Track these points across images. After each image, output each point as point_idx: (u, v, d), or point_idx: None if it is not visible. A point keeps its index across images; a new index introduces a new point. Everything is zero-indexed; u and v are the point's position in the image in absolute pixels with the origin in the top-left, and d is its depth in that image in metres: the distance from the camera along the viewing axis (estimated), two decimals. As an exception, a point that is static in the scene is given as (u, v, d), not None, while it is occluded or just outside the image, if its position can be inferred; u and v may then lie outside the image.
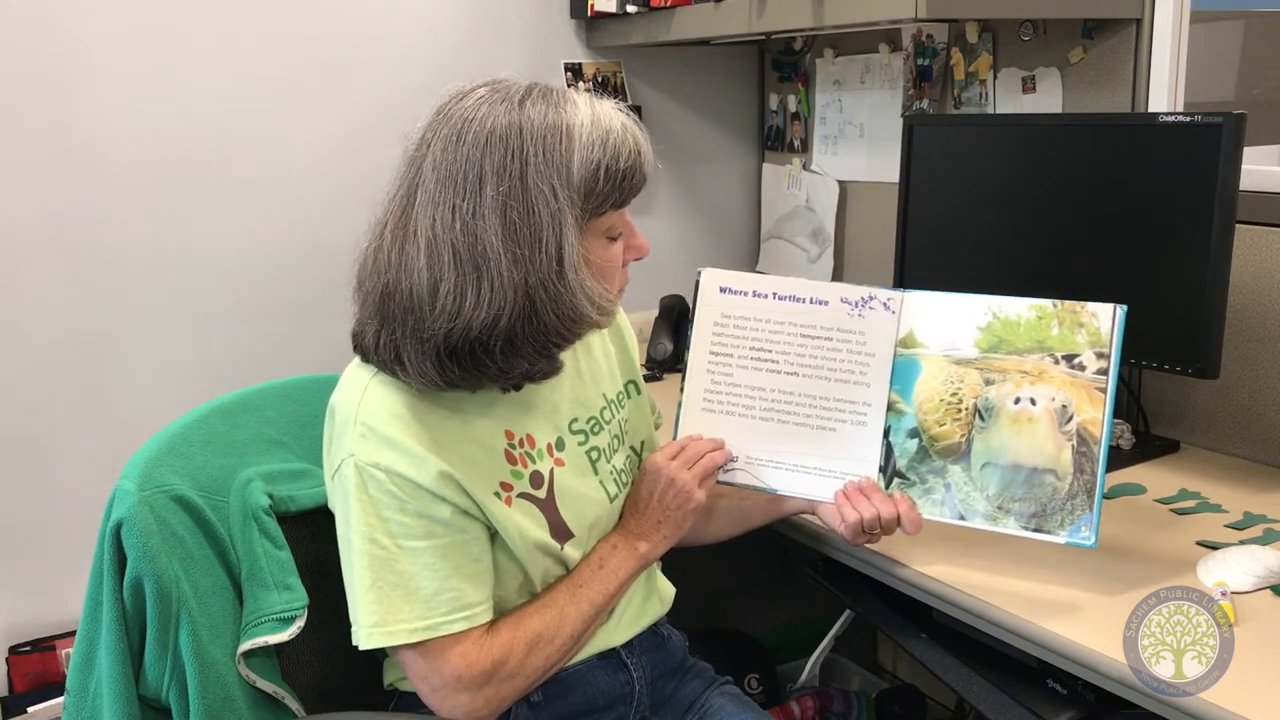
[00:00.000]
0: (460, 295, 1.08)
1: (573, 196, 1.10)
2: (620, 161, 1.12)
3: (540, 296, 1.10)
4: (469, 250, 1.08)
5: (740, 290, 1.36)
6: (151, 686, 1.19)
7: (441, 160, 1.10)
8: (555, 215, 1.09)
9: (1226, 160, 1.45)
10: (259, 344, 2.10)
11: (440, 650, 1.13)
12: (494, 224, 1.08)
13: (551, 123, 1.10)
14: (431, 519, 1.12)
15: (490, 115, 1.10)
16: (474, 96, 1.13)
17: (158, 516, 1.17)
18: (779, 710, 2.12)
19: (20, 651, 1.93)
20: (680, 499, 1.27)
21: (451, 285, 1.08)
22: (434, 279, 1.09)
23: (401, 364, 1.12)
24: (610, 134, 1.12)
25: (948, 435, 1.29)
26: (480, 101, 1.12)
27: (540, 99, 1.11)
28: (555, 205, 1.09)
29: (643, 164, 1.15)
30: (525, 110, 1.10)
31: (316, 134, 2.10)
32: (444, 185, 1.10)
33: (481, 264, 1.08)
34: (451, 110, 1.12)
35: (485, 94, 1.13)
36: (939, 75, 2.08)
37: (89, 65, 1.90)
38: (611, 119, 1.13)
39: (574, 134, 1.10)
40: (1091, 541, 1.22)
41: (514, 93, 1.12)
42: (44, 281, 1.91)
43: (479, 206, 1.08)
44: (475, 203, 1.08)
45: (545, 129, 1.09)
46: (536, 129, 1.09)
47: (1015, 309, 1.29)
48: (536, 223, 1.09)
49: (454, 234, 1.08)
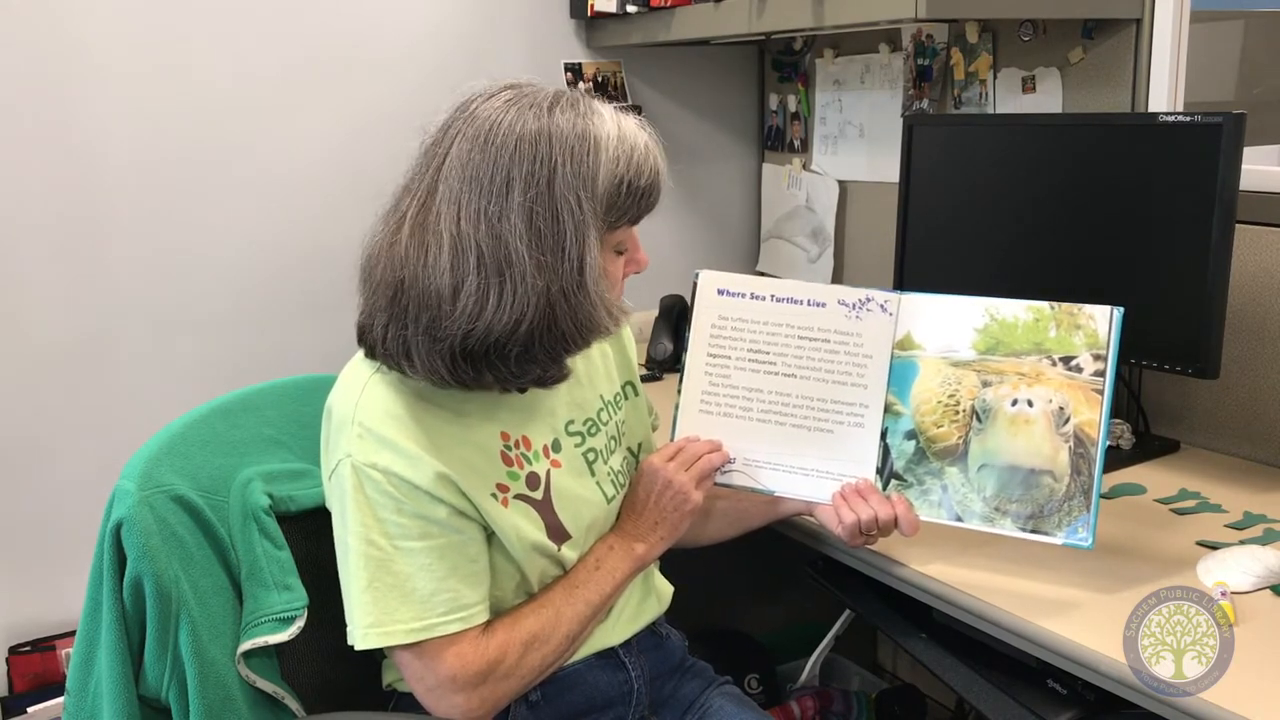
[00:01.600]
0: (483, 298, 1.08)
1: (595, 208, 1.11)
2: (642, 179, 1.13)
3: (561, 305, 1.10)
4: (494, 254, 1.08)
5: (738, 292, 1.36)
6: (151, 686, 1.19)
7: (468, 160, 1.10)
8: (579, 225, 1.09)
9: (1226, 160, 1.44)
10: (259, 344, 2.10)
11: (436, 651, 1.13)
12: (520, 229, 1.08)
13: (580, 133, 1.10)
14: (428, 520, 1.12)
15: (519, 120, 1.10)
16: (500, 98, 1.12)
17: (158, 516, 1.17)
18: (779, 710, 2.12)
19: (20, 651, 1.93)
20: (677, 500, 1.27)
21: (474, 288, 1.08)
22: (456, 280, 1.08)
23: (410, 359, 1.12)
24: (635, 151, 1.13)
25: (945, 437, 1.29)
26: (508, 104, 1.11)
27: (569, 107, 1.12)
28: (580, 215, 1.09)
29: (660, 183, 1.16)
30: (554, 118, 1.10)
31: (316, 134, 2.10)
32: (470, 186, 1.09)
33: (506, 269, 1.08)
34: (477, 109, 1.12)
35: (512, 96, 1.13)
36: (939, 75, 2.08)
37: (89, 65, 1.90)
38: (636, 136, 1.14)
39: (601, 146, 1.11)
40: (1088, 543, 1.22)
41: (541, 99, 1.12)
42: (44, 281, 1.91)
43: (505, 210, 1.08)
44: (502, 206, 1.08)
45: (574, 138, 1.10)
46: (566, 138, 1.09)
47: (1012, 311, 1.29)
48: (561, 231, 1.09)
49: (479, 235, 1.08)
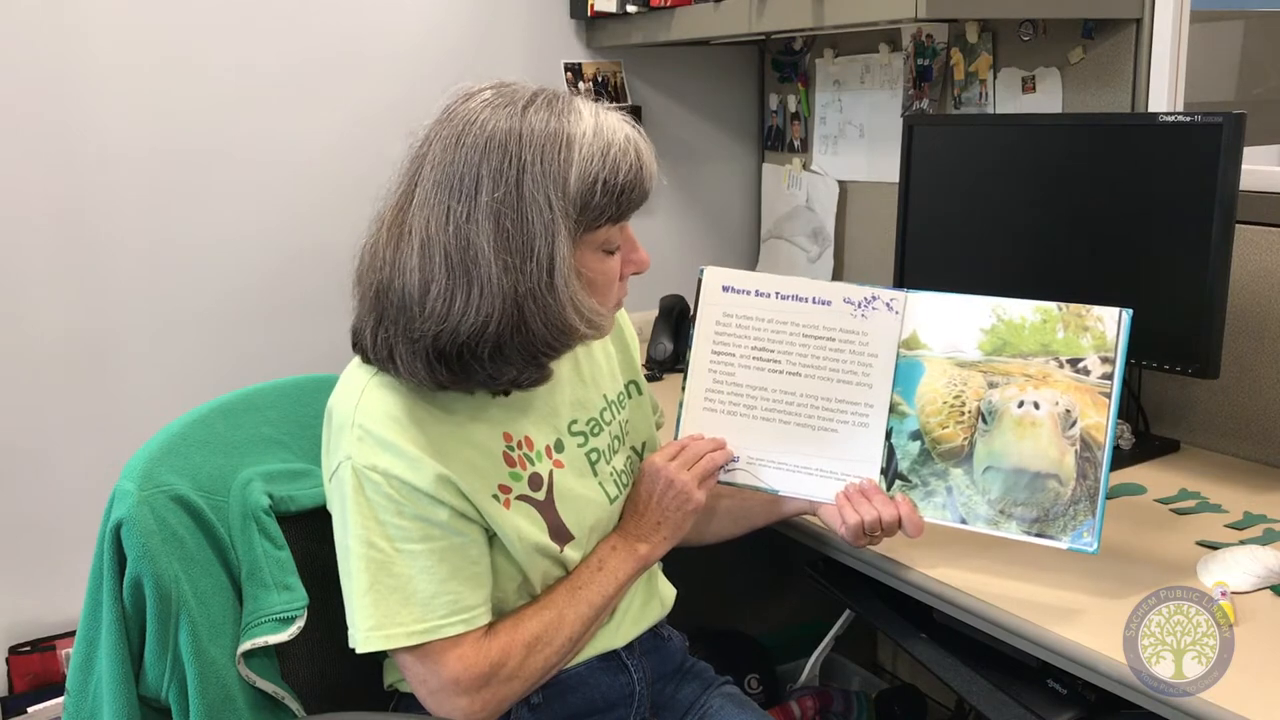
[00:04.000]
0: (450, 299, 1.08)
1: (568, 208, 1.09)
2: (619, 176, 1.11)
3: (529, 306, 1.09)
4: (460, 254, 1.08)
5: (743, 289, 1.36)
6: (151, 686, 1.19)
7: (440, 161, 1.10)
8: (548, 226, 1.08)
9: (1226, 160, 1.44)
10: (259, 344, 2.10)
11: (438, 653, 1.13)
12: (487, 230, 1.08)
13: (552, 131, 1.09)
14: (429, 522, 1.12)
15: (492, 119, 1.09)
16: (479, 99, 1.12)
17: (158, 516, 1.17)
18: (779, 710, 2.12)
19: (20, 651, 1.93)
20: (680, 500, 1.27)
21: (441, 288, 1.08)
22: (425, 280, 1.08)
23: (394, 362, 1.12)
24: (611, 147, 1.10)
25: (950, 438, 1.29)
26: (485, 104, 1.11)
27: (544, 106, 1.11)
28: (549, 215, 1.08)
29: (643, 179, 1.14)
30: (527, 117, 1.09)
31: (316, 133, 2.10)
32: (440, 186, 1.09)
33: (472, 269, 1.08)
34: (456, 111, 1.12)
35: (490, 97, 1.12)
36: (939, 75, 2.08)
37: (89, 64, 1.89)
38: (615, 132, 1.12)
39: (574, 145, 1.09)
40: (1094, 547, 1.21)
41: (519, 98, 1.11)
42: (44, 281, 1.91)
43: (473, 211, 1.08)
44: (470, 206, 1.08)
45: (545, 138, 1.09)
46: (536, 137, 1.09)
47: (1020, 311, 1.28)
48: (529, 232, 1.08)
49: (446, 236, 1.08)
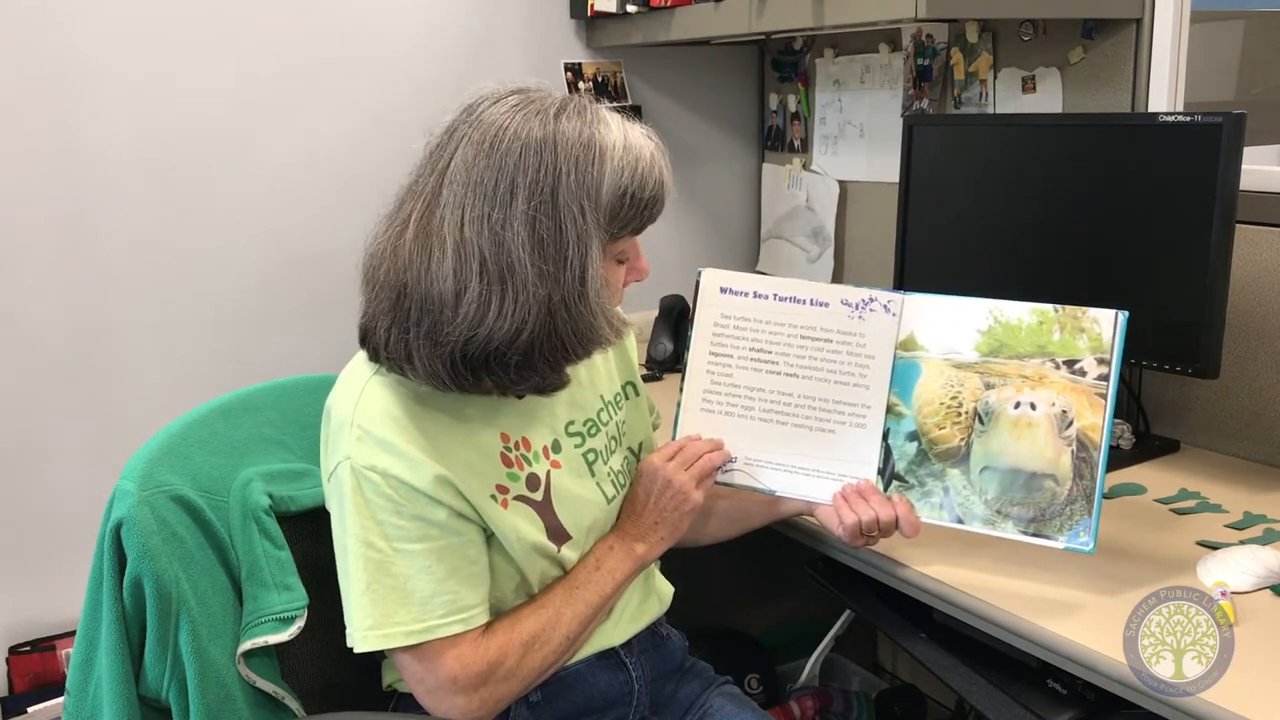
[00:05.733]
0: (484, 305, 1.08)
1: (599, 218, 1.11)
2: (646, 190, 1.13)
3: (562, 314, 1.10)
4: (496, 261, 1.08)
5: (741, 291, 1.36)
6: (151, 686, 1.19)
7: (473, 164, 1.10)
8: (582, 234, 1.09)
9: (1226, 160, 1.45)
10: (259, 344, 2.10)
11: (436, 653, 1.13)
12: (523, 237, 1.08)
13: (585, 141, 1.10)
14: (427, 522, 1.12)
15: (525, 125, 1.09)
16: (507, 103, 1.12)
17: (158, 516, 1.17)
18: (779, 710, 2.12)
19: (20, 651, 1.93)
20: (677, 500, 1.27)
21: (476, 294, 1.08)
22: (459, 286, 1.08)
23: (411, 362, 1.12)
24: (640, 161, 1.12)
25: (947, 438, 1.29)
26: (514, 109, 1.11)
27: (575, 114, 1.11)
28: (583, 224, 1.09)
29: (664, 194, 1.16)
30: (560, 125, 1.10)
31: (316, 134, 2.10)
32: (474, 191, 1.09)
33: (508, 276, 1.08)
34: (483, 113, 1.12)
35: (518, 102, 1.12)
36: (939, 75, 2.08)
37: (89, 65, 1.90)
38: (642, 146, 1.14)
39: (606, 156, 1.10)
40: (1090, 547, 1.21)
41: (548, 105, 1.12)
42: (44, 281, 1.91)
43: (509, 217, 1.08)
44: (506, 213, 1.08)
45: (579, 147, 1.09)
46: (571, 146, 1.09)
47: (1016, 313, 1.28)
48: (564, 240, 1.09)
49: (483, 242, 1.08)
